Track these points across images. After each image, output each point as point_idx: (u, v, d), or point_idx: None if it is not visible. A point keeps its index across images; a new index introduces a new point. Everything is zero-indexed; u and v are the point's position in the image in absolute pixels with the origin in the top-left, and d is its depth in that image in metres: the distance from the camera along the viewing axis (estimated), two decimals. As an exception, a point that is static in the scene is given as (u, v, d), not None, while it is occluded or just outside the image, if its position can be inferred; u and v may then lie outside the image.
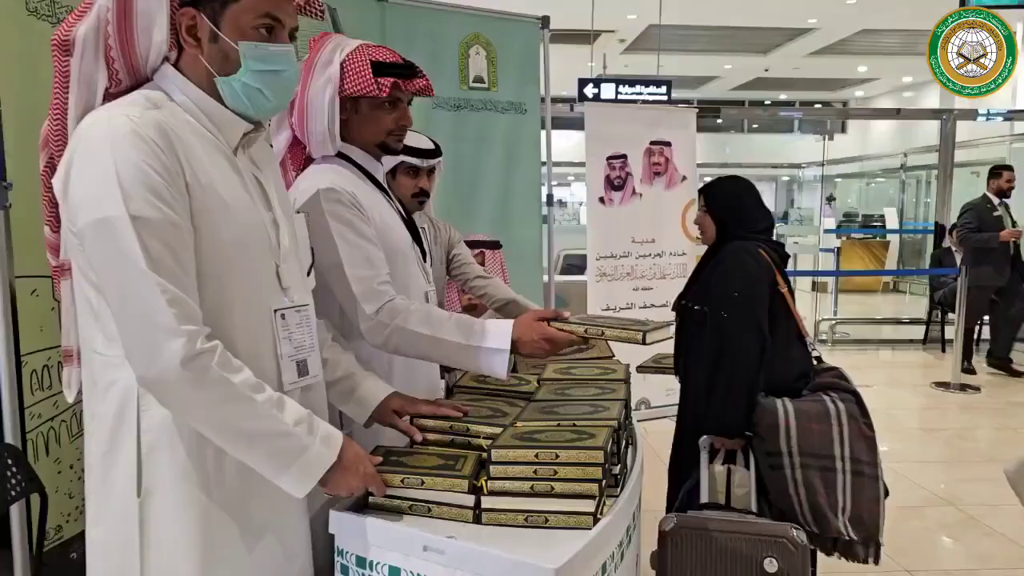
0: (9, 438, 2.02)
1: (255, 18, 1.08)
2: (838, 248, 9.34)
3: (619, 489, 1.26)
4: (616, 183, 4.39)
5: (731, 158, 17.19)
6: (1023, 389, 5.67)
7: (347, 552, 1.17)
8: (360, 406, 1.36)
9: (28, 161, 2.06)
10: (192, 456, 1.07)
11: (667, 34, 11.84)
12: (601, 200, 4.38)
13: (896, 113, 10.80)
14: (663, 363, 2.43)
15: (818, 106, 19.87)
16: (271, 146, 1.40)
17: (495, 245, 3.77)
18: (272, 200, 1.18)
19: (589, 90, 9.40)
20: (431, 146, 2.25)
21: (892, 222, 11.71)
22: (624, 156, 4.39)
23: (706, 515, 1.81)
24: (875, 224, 12.30)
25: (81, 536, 2.21)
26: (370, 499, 1.18)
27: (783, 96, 18.97)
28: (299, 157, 1.61)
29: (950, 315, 7.09)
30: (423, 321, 1.41)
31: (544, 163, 4.28)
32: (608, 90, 9.47)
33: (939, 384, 5.57)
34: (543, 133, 4.18)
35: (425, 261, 1.65)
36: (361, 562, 1.15)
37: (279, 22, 1.10)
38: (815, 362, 2.15)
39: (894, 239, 11.49)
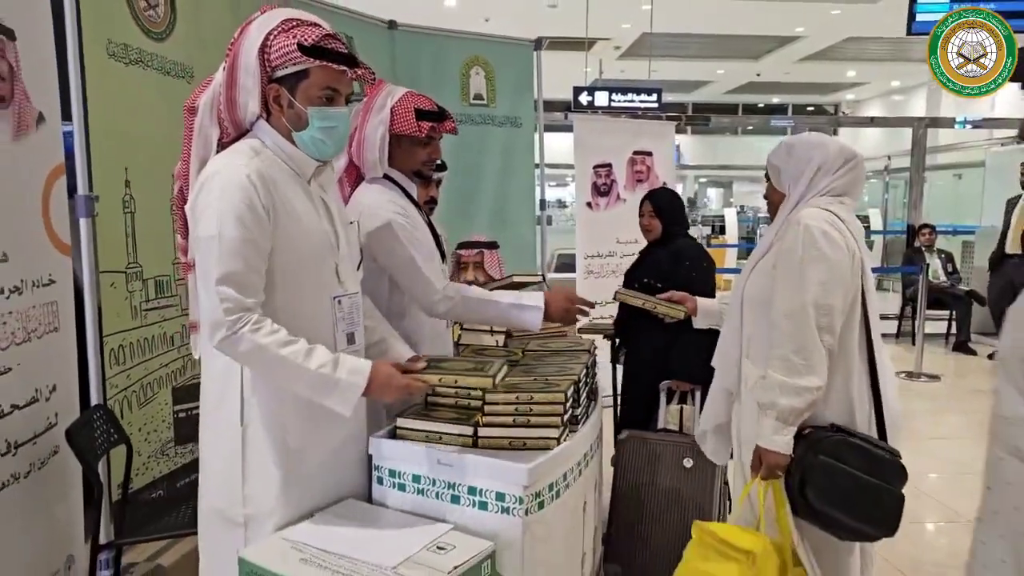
0: (95, 403, 2.48)
1: (319, 91, 1.53)
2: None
3: (578, 426, 1.72)
4: (602, 189, 4.85)
5: (722, 160, 17.63)
6: (980, 378, 6.14)
7: (382, 467, 1.63)
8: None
9: (111, 178, 2.54)
10: (275, 399, 1.52)
11: (660, 41, 12.28)
12: (589, 205, 4.84)
13: (870, 121, 11.22)
14: (597, 325, 3.07)
15: (810, 108, 20.30)
16: (332, 170, 1.86)
17: (493, 245, 4.22)
18: (334, 215, 1.64)
19: (583, 98, 9.83)
20: (439, 163, 2.72)
21: (877, 222, 12.15)
22: (609, 164, 4.85)
23: (648, 432, 2.47)
24: (864, 225, 12.71)
25: (152, 484, 2.67)
26: (397, 429, 1.64)
27: (776, 99, 19.39)
28: (353, 176, 2.12)
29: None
30: (479, 292, 2.00)
31: (537, 165, 4.71)
32: (602, 98, 9.91)
33: (906, 374, 6.02)
34: (537, 143, 4.63)
35: (444, 258, 2.14)
36: (392, 473, 1.61)
37: (337, 92, 1.56)
38: None
39: (879, 239, 11.93)
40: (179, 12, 2.88)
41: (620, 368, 3.18)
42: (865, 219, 12.79)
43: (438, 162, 2.74)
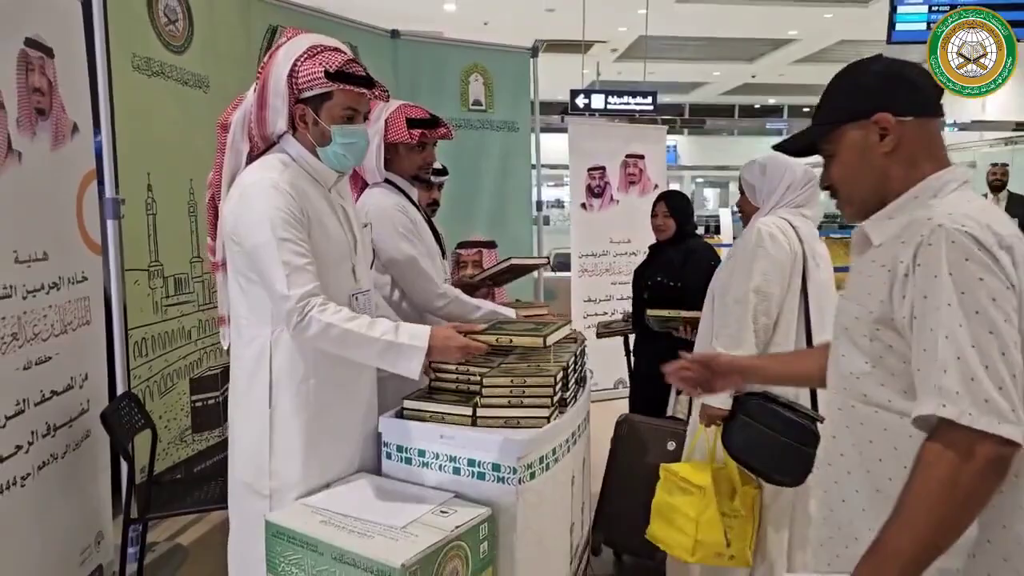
0: (121, 392, 2.67)
1: (341, 111, 1.71)
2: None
3: (567, 408, 1.91)
4: (596, 191, 5.04)
5: (719, 160, 17.83)
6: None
7: (390, 444, 1.82)
8: None
9: (135, 182, 2.73)
10: (299, 386, 1.71)
11: (656, 44, 12.46)
12: (583, 206, 5.03)
13: None
14: (613, 328, 3.29)
15: (806, 109, 20.48)
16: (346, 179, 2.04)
17: (491, 245, 4.42)
18: (352, 221, 1.83)
19: (580, 100, 10.02)
20: (441, 168, 2.91)
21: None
22: (603, 167, 5.05)
23: (640, 417, 2.78)
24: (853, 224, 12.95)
25: (171, 468, 2.85)
26: (404, 410, 1.83)
27: (772, 100, 19.59)
28: (357, 181, 2.31)
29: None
30: (468, 297, 2.30)
31: (534, 166, 4.90)
32: (598, 100, 10.10)
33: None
34: (533, 147, 4.82)
35: (444, 256, 2.33)
36: (400, 448, 1.80)
37: (356, 111, 1.74)
38: None
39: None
40: (196, 26, 3.07)
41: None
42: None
43: (439, 167, 2.95)
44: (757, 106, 20.21)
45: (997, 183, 6.61)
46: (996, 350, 1.01)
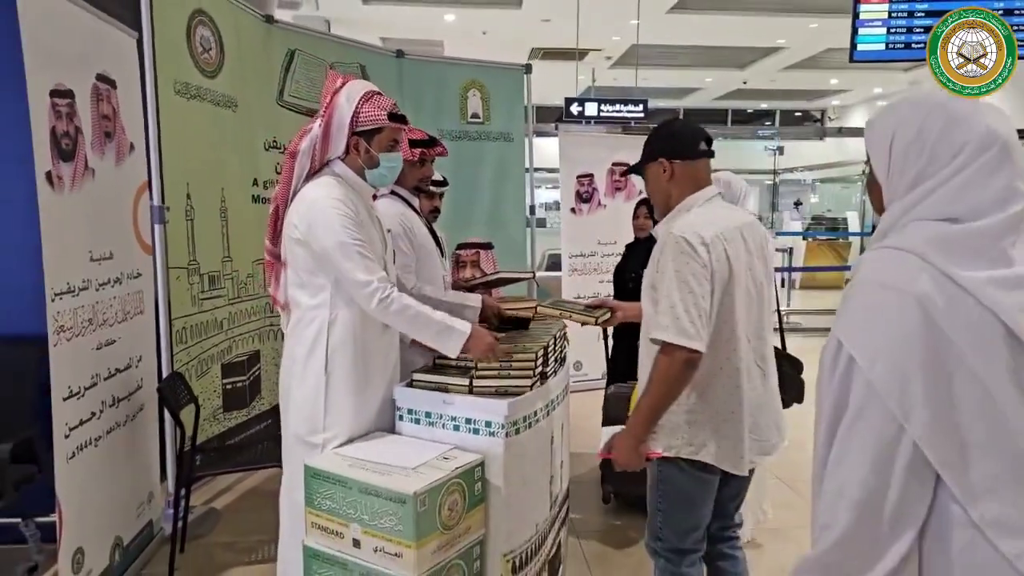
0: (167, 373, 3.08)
1: (388, 141, 2.16)
2: (790, 248, 10.39)
3: (547, 380, 2.32)
4: (585, 196, 5.45)
5: (714, 162, 18.16)
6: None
7: (402, 408, 2.23)
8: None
9: (176, 192, 3.14)
10: (350, 357, 2.11)
11: (648, 52, 12.88)
12: (573, 210, 5.44)
13: (838, 132, 11.82)
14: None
15: (798, 113, 20.91)
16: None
17: (488, 246, 4.80)
18: (382, 226, 2.25)
19: (575, 108, 10.43)
20: (441, 179, 3.32)
21: (855, 224, 12.79)
22: (591, 175, 5.45)
23: (627, 387, 3.14)
24: (841, 227, 13.40)
25: (206, 442, 3.25)
26: (413, 381, 2.24)
27: (764, 105, 20.01)
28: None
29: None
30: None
31: (527, 169, 5.29)
32: (591, 108, 10.52)
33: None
34: (527, 156, 5.23)
35: (443, 255, 2.73)
36: (410, 411, 2.21)
37: (397, 142, 2.18)
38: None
39: (856, 240, 12.57)
40: (226, 53, 3.49)
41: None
42: (844, 221, 13.48)
43: (440, 178, 3.36)
44: (750, 110, 20.63)
45: None
46: (691, 302, 1.80)
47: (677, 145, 2.00)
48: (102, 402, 2.51)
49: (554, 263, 7.40)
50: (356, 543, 1.93)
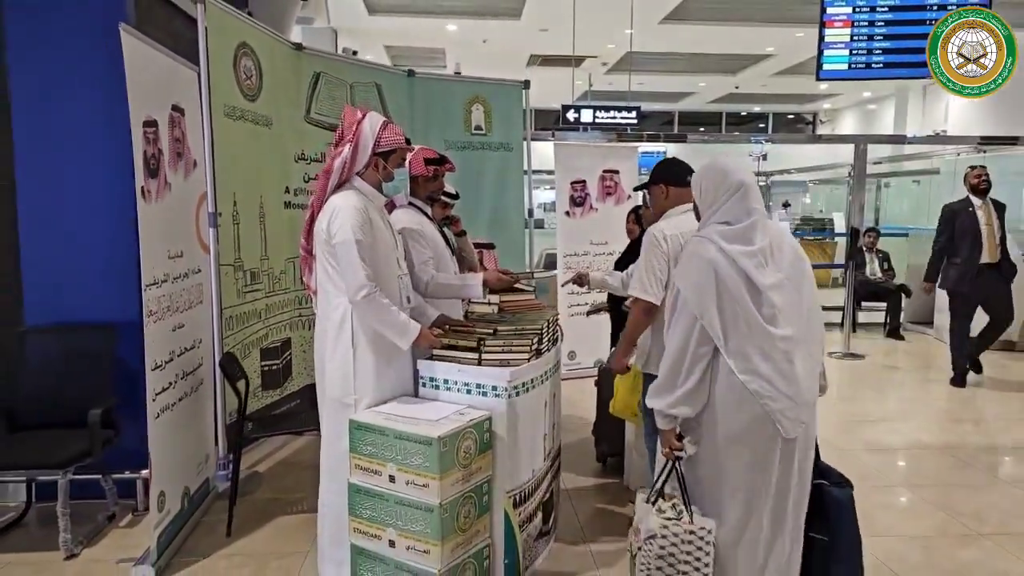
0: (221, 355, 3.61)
1: (399, 160, 2.70)
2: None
3: (541, 356, 2.86)
4: (578, 200, 5.99)
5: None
6: (897, 358, 7.30)
7: (424, 376, 2.76)
8: (424, 318, 2.97)
9: (225, 200, 3.67)
10: (370, 334, 2.64)
11: (642, 59, 13.41)
12: (567, 213, 5.98)
13: (818, 139, 12.32)
14: (598, 306, 4.37)
15: (790, 116, 21.41)
16: None
17: (490, 246, 5.33)
18: (393, 229, 2.78)
19: (571, 115, 10.97)
20: (454, 193, 3.85)
21: (841, 225, 13.28)
22: (584, 181, 5.99)
23: None
24: (828, 227, 13.92)
25: (249, 415, 3.78)
26: (433, 356, 2.78)
27: (757, 108, 20.54)
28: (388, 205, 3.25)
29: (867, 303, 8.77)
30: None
31: (525, 172, 5.79)
32: (587, 114, 11.06)
33: (831, 353, 7.18)
34: (525, 163, 5.74)
35: (452, 254, 3.27)
36: (431, 379, 2.75)
37: (404, 160, 2.71)
38: None
39: (841, 240, 13.07)
40: (264, 78, 4.01)
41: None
42: (830, 222, 14.00)
43: (453, 192, 3.89)
44: (743, 113, 21.15)
45: (983, 186, 5.83)
46: (652, 271, 2.67)
47: (672, 176, 2.92)
48: (175, 375, 3.04)
49: (552, 263, 7.92)
50: (392, 479, 2.46)
